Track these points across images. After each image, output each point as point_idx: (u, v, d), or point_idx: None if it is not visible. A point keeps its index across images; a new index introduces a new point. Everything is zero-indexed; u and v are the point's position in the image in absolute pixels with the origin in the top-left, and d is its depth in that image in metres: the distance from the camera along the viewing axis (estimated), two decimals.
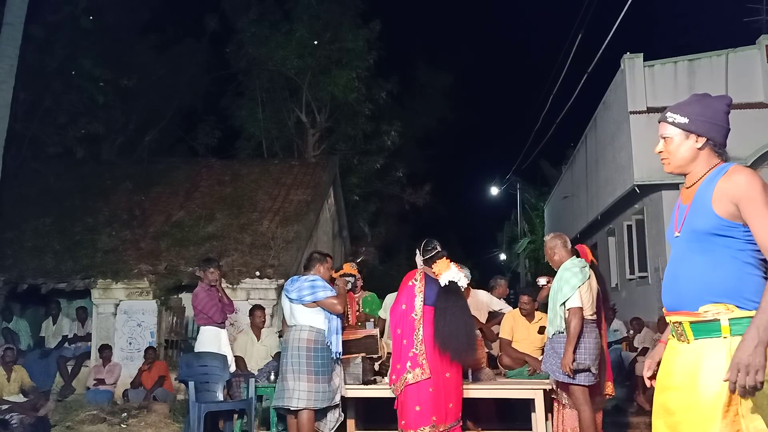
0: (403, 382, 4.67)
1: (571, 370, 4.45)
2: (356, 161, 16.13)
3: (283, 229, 9.78)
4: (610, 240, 13.60)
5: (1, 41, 8.69)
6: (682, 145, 2.22)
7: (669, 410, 2.13)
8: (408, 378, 4.64)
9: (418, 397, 4.62)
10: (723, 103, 2.23)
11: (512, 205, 27.57)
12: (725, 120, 2.22)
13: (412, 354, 4.68)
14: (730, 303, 2.04)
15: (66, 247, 9.63)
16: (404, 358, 4.70)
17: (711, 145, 2.19)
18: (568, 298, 4.54)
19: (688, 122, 2.20)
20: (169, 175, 11.76)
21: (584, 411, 4.59)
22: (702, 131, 2.19)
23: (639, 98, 10.36)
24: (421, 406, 4.60)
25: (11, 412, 6.25)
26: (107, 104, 12.84)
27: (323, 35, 15.11)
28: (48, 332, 9.44)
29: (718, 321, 2.05)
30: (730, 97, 2.28)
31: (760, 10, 12.35)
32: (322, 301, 4.89)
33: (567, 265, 4.72)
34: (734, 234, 2.07)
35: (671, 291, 2.21)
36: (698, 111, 2.21)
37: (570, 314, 4.52)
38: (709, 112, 2.20)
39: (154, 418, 6.93)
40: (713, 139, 2.19)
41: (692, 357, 2.09)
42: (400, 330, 4.79)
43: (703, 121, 2.19)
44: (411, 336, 4.71)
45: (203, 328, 6.09)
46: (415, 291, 4.81)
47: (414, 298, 4.78)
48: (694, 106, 2.23)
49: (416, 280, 4.85)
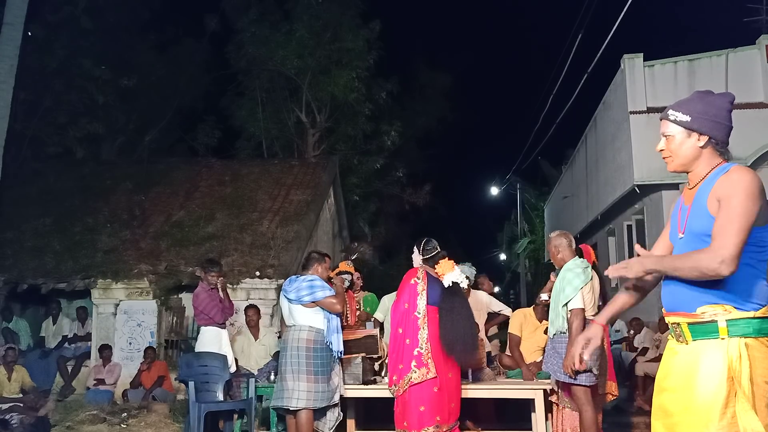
0: (407, 382, 4.60)
1: (572, 370, 4.45)
2: (356, 161, 16.13)
3: (283, 229, 9.78)
4: (610, 240, 13.60)
5: (1, 41, 8.70)
6: (684, 144, 2.19)
7: (667, 411, 2.13)
8: (413, 378, 4.58)
9: (422, 396, 4.56)
10: (726, 100, 2.19)
11: (512, 205, 27.56)
12: (728, 118, 2.17)
13: (417, 353, 4.61)
14: (727, 304, 2.04)
15: (66, 247, 9.63)
16: (407, 358, 4.63)
17: (713, 144, 2.16)
18: (571, 299, 4.54)
19: (691, 120, 2.16)
20: (169, 175, 11.76)
21: (586, 411, 4.59)
22: (704, 129, 2.15)
23: (639, 98, 10.36)
24: (425, 406, 4.53)
25: (11, 411, 6.25)
26: (107, 104, 12.84)
27: (323, 35, 15.10)
28: (48, 332, 9.45)
29: (715, 322, 2.04)
30: (733, 94, 2.23)
31: (760, 10, 12.35)
32: (321, 301, 4.89)
33: (570, 266, 4.71)
34: None
35: (670, 292, 2.20)
36: (701, 109, 2.16)
37: (572, 315, 4.52)
38: (712, 110, 2.16)
39: (154, 418, 6.93)
40: (715, 137, 2.15)
41: (690, 358, 2.09)
42: (402, 329, 4.73)
43: (706, 119, 2.15)
44: (415, 335, 4.65)
45: (204, 328, 6.09)
46: (417, 290, 4.74)
47: (416, 297, 4.72)
48: (696, 103, 2.18)
49: (418, 279, 4.78)
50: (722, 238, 1.98)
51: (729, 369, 2.00)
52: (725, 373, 2.00)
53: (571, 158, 16.54)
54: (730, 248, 1.96)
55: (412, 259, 4.98)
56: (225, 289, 6.24)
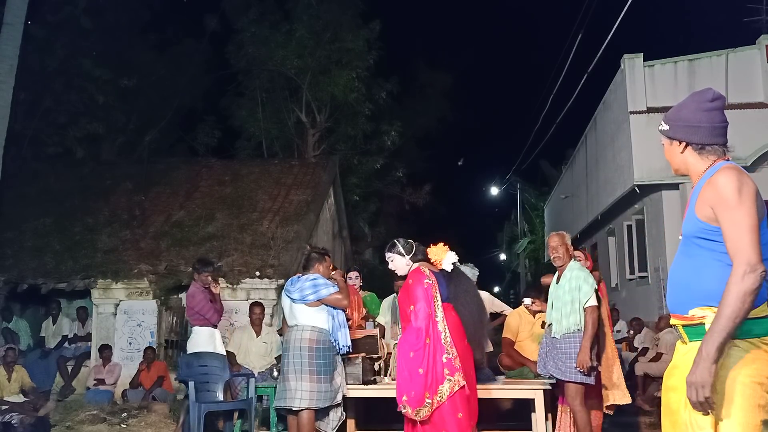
0: (443, 395, 4.10)
1: (587, 367, 4.47)
2: (356, 161, 16.13)
3: (283, 229, 9.78)
4: (610, 240, 13.61)
5: (1, 41, 8.70)
6: (670, 151, 2.27)
7: (671, 409, 2.18)
8: (444, 390, 4.10)
9: (458, 403, 4.14)
10: (702, 100, 2.18)
11: (512, 205, 27.60)
12: (705, 118, 2.17)
13: (446, 359, 4.15)
14: (715, 306, 2.05)
15: (66, 247, 9.63)
16: (438, 366, 4.14)
17: (693, 147, 2.19)
18: (590, 297, 4.60)
19: (669, 129, 2.24)
20: (169, 175, 11.76)
21: (579, 411, 4.60)
22: (679, 136, 2.21)
23: (639, 98, 10.37)
24: (463, 412, 4.14)
25: (11, 412, 6.25)
26: (107, 104, 12.84)
27: (323, 35, 15.10)
28: (48, 332, 9.44)
29: (704, 324, 2.07)
30: (713, 90, 2.21)
31: (760, 10, 12.36)
32: (327, 298, 4.86)
33: (575, 266, 4.76)
34: (717, 238, 2.07)
35: (669, 294, 2.26)
36: (674, 116, 2.23)
37: (588, 313, 4.58)
38: (684, 113, 2.20)
39: (153, 418, 6.93)
40: (691, 141, 2.19)
41: (688, 358, 2.12)
42: (429, 339, 4.22)
43: (679, 125, 2.20)
44: (439, 341, 4.20)
45: (197, 328, 6.01)
46: (432, 292, 4.33)
47: (433, 300, 4.31)
48: (674, 111, 2.24)
49: (429, 280, 4.36)
50: (738, 253, 1.99)
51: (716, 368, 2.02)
52: None
53: (571, 158, 16.55)
54: (746, 255, 1.97)
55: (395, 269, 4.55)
56: (217, 288, 6.21)
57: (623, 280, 12.60)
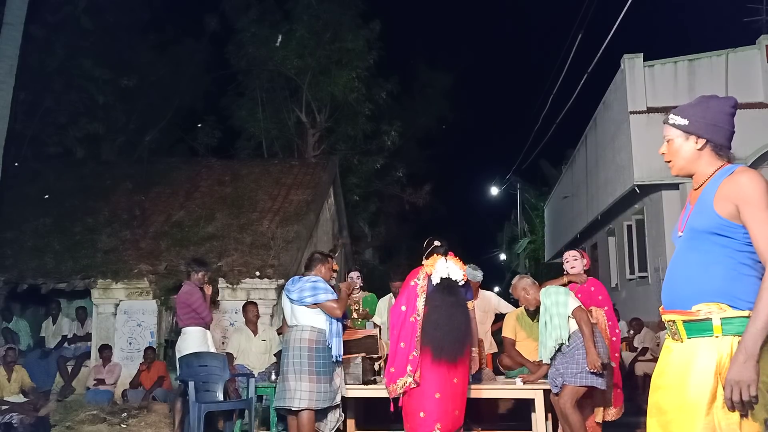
0: (402, 385, 4.46)
1: (598, 366, 4.48)
2: (356, 161, 16.13)
3: (283, 229, 9.78)
4: (610, 240, 13.60)
5: (1, 41, 8.70)
6: (683, 147, 2.25)
7: (661, 409, 2.16)
8: (409, 382, 4.42)
9: (422, 403, 4.39)
10: (726, 104, 2.24)
11: (512, 205, 27.57)
12: (728, 122, 2.23)
13: (413, 357, 4.43)
14: (723, 302, 2.06)
15: (66, 247, 9.63)
16: (403, 362, 4.46)
17: (712, 147, 2.21)
18: (568, 306, 4.61)
19: (688, 124, 2.23)
20: (169, 175, 11.76)
21: (571, 414, 4.60)
22: (701, 133, 2.21)
23: (639, 98, 10.35)
24: (425, 412, 4.36)
25: (11, 412, 6.25)
26: (107, 104, 12.84)
27: (323, 35, 15.11)
28: (48, 332, 9.44)
29: (710, 320, 2.07)
30: (735, 99, 2.29)
31: (760, 10, 12.35)
32: (322, 304, 4.86)
33: (542, 294, 4.84)
34: (734, 235, 2.08)
35: (668, 289, 2.24)
36: (698, 113, 2.23)
37: (576, 315, 4.59)
38: (710, 113, 2.22)
39: (153, 418, 6.93)
40: (713, 140, 2.21)
41: (684, 356, 2.12)
42: (397, 332, 4.57)
43: (704, 123, 2.21)
44: (411, 339, 4.45)
45: (189, 329, 5.99)
46: (417, 291, 4.56)
47: (416, 299, 4.53)
48: (695, 108, 2.25)
49: (419, 279, 4.60)
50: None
51: (718, 365, 2.03)
52: (714, 370, 2.03)
53: (571, 158, 16.54)
54: None
55: (412, 258, 4.97)
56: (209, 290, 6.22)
57: (623, 280, 12.59)
